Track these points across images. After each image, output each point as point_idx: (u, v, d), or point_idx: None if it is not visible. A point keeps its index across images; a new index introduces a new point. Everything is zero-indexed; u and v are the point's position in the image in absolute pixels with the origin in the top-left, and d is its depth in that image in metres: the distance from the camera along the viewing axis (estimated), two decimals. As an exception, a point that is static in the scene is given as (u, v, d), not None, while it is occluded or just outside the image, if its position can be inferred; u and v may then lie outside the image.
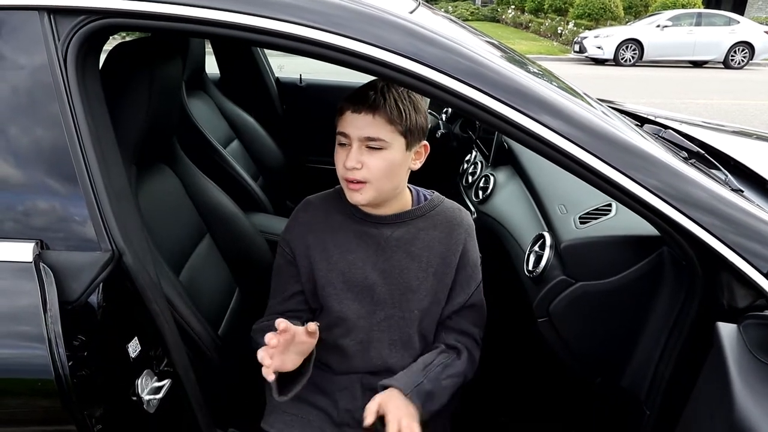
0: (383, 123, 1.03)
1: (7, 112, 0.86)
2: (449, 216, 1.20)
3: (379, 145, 1.04)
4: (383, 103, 1.03)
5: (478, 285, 1.22)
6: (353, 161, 1.04)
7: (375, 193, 1.09)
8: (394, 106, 1.03)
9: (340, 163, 1.07)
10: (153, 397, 0.94)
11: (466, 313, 1.22)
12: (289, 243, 1.19)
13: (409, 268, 1.15)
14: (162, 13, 0.84)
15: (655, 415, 1.04)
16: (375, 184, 1.07)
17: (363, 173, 1.05)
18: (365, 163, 1.05)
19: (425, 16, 1.06)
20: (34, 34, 0.84)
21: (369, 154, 1.05)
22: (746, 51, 13.52)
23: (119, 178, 0.95)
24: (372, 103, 1.03)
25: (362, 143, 1.05)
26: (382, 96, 1.03)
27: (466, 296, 1.20)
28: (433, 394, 1.11)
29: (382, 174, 1.06)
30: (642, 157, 0.90)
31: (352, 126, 1.04)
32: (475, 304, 1.22)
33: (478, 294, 1.23)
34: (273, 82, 2.84)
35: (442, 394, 1.13)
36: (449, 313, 1.21)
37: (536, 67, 1.29)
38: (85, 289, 0.83)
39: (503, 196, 1.77)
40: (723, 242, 0.87)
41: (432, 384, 1.12)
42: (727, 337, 0.80)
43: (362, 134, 1.04)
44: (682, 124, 1.80)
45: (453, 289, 1.19)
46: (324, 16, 0.84)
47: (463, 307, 1.21)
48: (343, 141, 1.07)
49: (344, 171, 1.07)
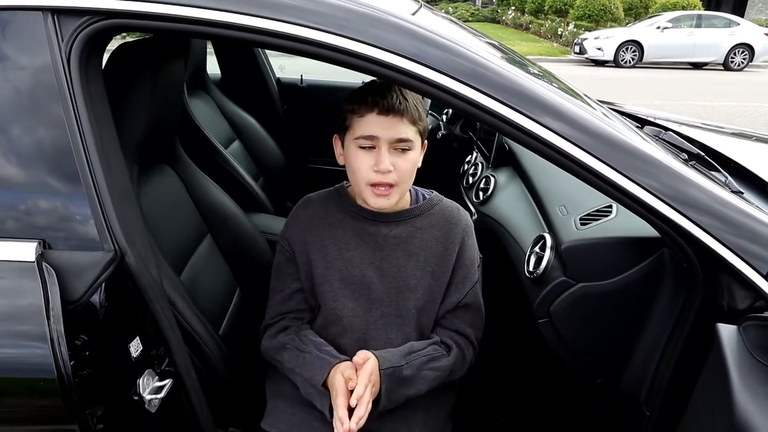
0: (409, 124, 1.05)
1: (10, 112, 0.86)
2: (447, 215, 1.20)
3: (407, 146, 1.06)
4: (407, 104, 1.04)
5: (473, 285, 1.21)
6: (387, 163, 1.04)
7: (398, 197, 1.10)
8: (414, 107, 1.05)
9: (366, 167, 1.06)
10: (154, 396, 0.94)
11: (460, 313, 1.21)
12: (288, 240, 1.19)
13: (406, 266, 1.16)
14: (164, 14, 0.84)
15: (655, 416, 1.04)
16: (400, 186, 1.08)
17: (393, 176, 1.06)
18: (395, 165, 1.05)
19: (427, 17, 1.06)
20: (38, 35, 0.84)
21: (397, 155, 1.06)
22: (746, 53, 13.53)
23: (121, 178, 0.95)
24: (399, 105, 1.03)
25: (392, 145, 1.05)
26: (404, 97, 1.04)
27: (460, 295, 1.19)
28: (409, 381, 1.10)
29: (408, 175, 1.09)
30: (643, 158, 0.90)
31: (381, 128, 1.04)
32: (470, 304, 1.21)
33: (474, 295, 1.21)
34: (274, 83, 2.85)
35: (420, 384, 1.12)
36: (444, 312, 1.20)
37: (537, 69, 1.30)
38: (88, 288, 0.83)
39: (504, 197, 1.78)
40: (723, 244, 0.88)
41: (412, 370, 1.10)
42: (727, 339, 0.80)
43: (394, 136, 1.04)
44: (681, 126, 1.80)
45: (448, 288, 1.19)
46: (326, 17, 0.84)
47: (457, 306, 1.20)
48: (367, 144, 1.05)
49: (374, 175, 1.06)
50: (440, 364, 1.14)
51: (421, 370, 1.12)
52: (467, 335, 1.21)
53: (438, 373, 1.14)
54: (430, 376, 1.13)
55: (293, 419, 1.19)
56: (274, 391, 1.25)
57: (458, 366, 1.18)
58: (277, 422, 1.20)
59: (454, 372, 1.18)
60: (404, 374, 1.09)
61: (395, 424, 1.18)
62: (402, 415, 1.18)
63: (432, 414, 1.22)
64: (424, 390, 1.12)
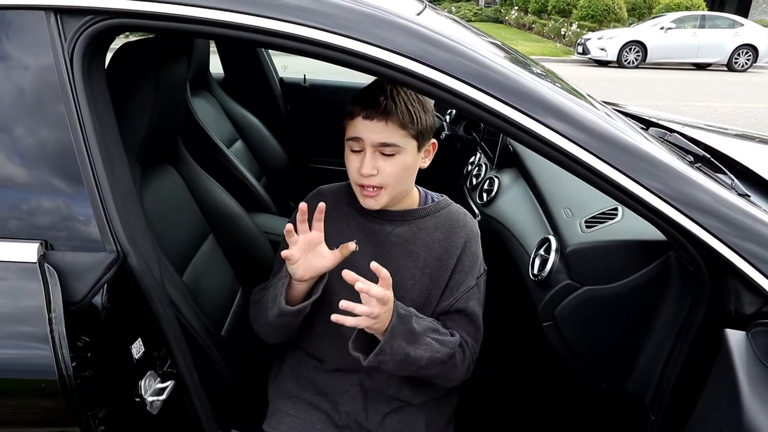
0: (396, 128, 1.04)
1: (12, 112, 0.85)
2: (453, 219, 1.19)
3: (393, 150, 1.05)
4: (395, 109, 1.03)
5: (468, 290, 1.16)
6: (369, 168, 1.04)
7: (389, 198, 1.10)
8: (405, 110, 1.04)
9: (353, 169, 1.07)
10: (156, 398, 0.94)
11: (456, 318, 1.16)
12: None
13: (405, 266, 1.15)
14: (168, 14, 0.84)
15: (660, 421, 1.04)
16: (389, 189, 1.08)
17: (378, 179, 1.06)
18: (380, 168, 1.05)
19: (432, 18, 1.06)
20: (41, 34, 0.83)
21: (383, 159, 1.05)
22: (750, 54, 13.49)
23: (124, 178, 0.95)
24: (384, 109, 1.03)
25: (376, 149, 1.05)
26: (393, 101, 1.03)
27: (453, 300, 1.15)
28: (414, 336, 1.04)
29: (397, 179, 1.08)
30: (649, 160, 0.90)
31: (365, 132, 1.04)
32: (463, 311, 1.16)
33: (466, 301, 1.16)
34: (277, 83, 2.84)
35: (423, 348, 1.05)
36: (438, 316, 1.16)
37: (540, 69, 1.29)
38: (90, 289, 0.83)
39: (508, 198, 1.77)
40: (730, 247, 0.87)
41: (419, 327, 1.06)
42: (736, 345, 0.80)
43: (376, 140, 1.04)
44: (685, 127, 1.80)
45: (443, 292, 1.16)
46: (330, 17, 0.84)
47: (450, 311, 1.16)
48: (355, 147, 1.07)
49: (359, 177, 1.07)
50: (444, 339, 1.10)
51: (427, 334, 1.07)
52: (464, 339, 1.16)
53: (440, 348, 1.07)
54: (433, 346, 1.07)
55: (296, 421, 1.19)
56: (277, 393, 1.25)
57: (458, 360, 1.12)
58: (279, 424, 1.20)
59: (453, 363, 1.11)
60: (412, 325, 1.04)
61: (397, 426, 1.17)
62: (404, 417, 1.18)
63: (434, 416, 1.22)
64: (423, 360, 1.05)
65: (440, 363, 1.08)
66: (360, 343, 1.04)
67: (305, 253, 1.02)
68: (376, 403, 1.18)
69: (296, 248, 1.01)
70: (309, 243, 1.02)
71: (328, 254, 1.05)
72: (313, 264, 1.04)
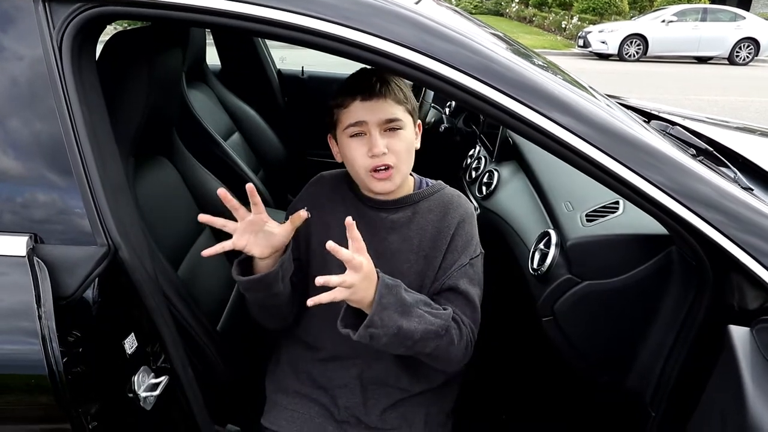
0: (394, 104, 1.07)
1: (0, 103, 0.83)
2: (447, 200, 1.18)
3: (398, 125, 1.07)
4: (389, 87, 1.06)
5: (461, 267, 1.13)
6: (381, 146, 1.05)
7: (400, 178, 1.10)
8: (397, 87, 1.07)
9: (360, 154, 1.07)
10: (150, 394, 0.93)
11: (448, 296, 1.13)
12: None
13: (400, 250, 1.14)
14: (161, 2, 0.82)
15: (661, 417, 1.03)
16: (399, 167, 1.09)
17: (390, 158, 1.06)
18: (389, 146, 1.06)
19: (432, 8, 1.04)
20: (29, 23, 0.81)
21: (389, 136, 1.07)
22: (751, 47, 13.46)
23: (116, 171, 0.93)
24: (380, 88, 1.05)
25: (381, 127, 1.06)
26: (385, 81, 1.06)
27: (445, 278, 1.13)
28: (406, 306, 1.00)
29: (405, 155, 1.09)
30: (651, 153, 0.88)
31: (367, 114, 1.05)
32: (455, 287, 1.12)
33: (458, 278, 1.12)
34: (275, 74, 2.82)
35: (416, 321, 1.01)
36: (432, 295, 1.13)
37: (542, 61, 1.27)
38: (80, 284, 0.81)
39: (507, 192, 1.75)
40: (734, 242, 0.86)
41: (411, 298, 1.03)
42: (740, 341, 0.78)
43: (382, 117, 1.05)
44: (686, 120, 1.78)
45: (437, 272, 1.14)
46: (330, 6, 0.82)
47: (442, 289, 1.13)
48: (357, 131, 1.07)
49: (370, 160, 1.06)
50: (437, 312, 1.06)
51: (419, 305, 1.04)
52: (458, 315, 1.11)
53: (433, 320, 1.03)
54: (426, 318, 1.03)
55: (294, 415, 1.18)
56: (275, 388, 1.24)
57: (454, 335, 1.07)
58: (277, 419, 1.19)
59: (449, 339, 1.06)
60: (402, 295, 1.00)
61: (396, 421, 1.16)
62: (403, 412, 1.17)
63: (433, 411, 1.21)
64: (417, 333, 1.01)
65: (435, 336, 1.04)
66: (350, 322, 1.01)
67: (252, 235, 1.02)
68: (375, 398, 1.17)
69: (237, 235, 1.01)
70: (251, 225, 1.01)
71: (279, 228, 1.04)
72: (267, 242, 1.03)
